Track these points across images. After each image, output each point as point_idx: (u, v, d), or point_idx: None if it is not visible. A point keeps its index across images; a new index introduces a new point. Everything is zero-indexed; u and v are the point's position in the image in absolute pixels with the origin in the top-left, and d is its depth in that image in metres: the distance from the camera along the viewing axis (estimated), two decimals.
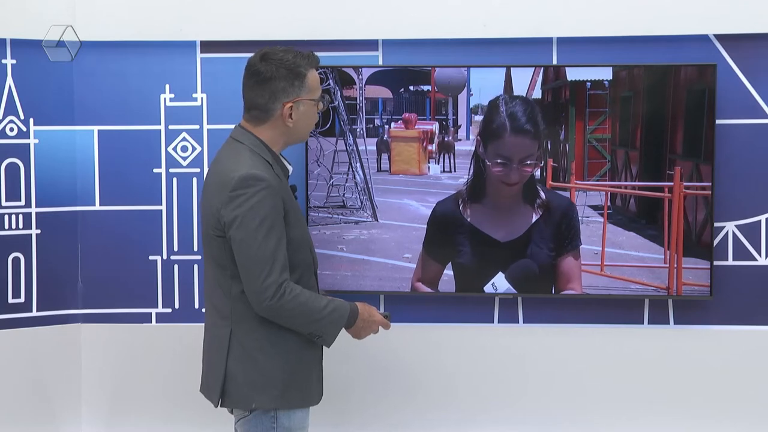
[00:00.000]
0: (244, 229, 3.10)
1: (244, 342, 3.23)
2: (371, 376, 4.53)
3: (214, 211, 3.17)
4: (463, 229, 4.43)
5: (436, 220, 4.45)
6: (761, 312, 4.43)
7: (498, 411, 4.58)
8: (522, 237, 4.40)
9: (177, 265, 4.64)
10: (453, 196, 4.43)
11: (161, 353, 4.67)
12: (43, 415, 4.63)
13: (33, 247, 4.58)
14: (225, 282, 3.23)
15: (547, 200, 4.37)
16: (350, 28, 4.49)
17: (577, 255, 4.38)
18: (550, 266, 4.40)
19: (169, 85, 4.60)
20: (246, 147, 3.23)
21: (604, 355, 4.52)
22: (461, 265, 4.44)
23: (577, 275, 4.38)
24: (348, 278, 4.46)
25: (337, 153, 4.48)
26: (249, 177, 3.12)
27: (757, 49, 4.35)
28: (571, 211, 4.37)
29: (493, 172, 4.35)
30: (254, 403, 3.24)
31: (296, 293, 3.15)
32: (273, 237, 3.12)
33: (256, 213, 3.10)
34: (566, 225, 4.38)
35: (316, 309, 3.20)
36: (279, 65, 3.20)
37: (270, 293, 3.11)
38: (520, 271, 4.41)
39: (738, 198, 4.38)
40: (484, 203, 4.41)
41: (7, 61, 4.50)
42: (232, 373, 3.23)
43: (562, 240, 4.39)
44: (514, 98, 4.33)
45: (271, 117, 3.25)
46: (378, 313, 3.41)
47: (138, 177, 4.63)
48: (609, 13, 4.39)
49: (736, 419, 4.46)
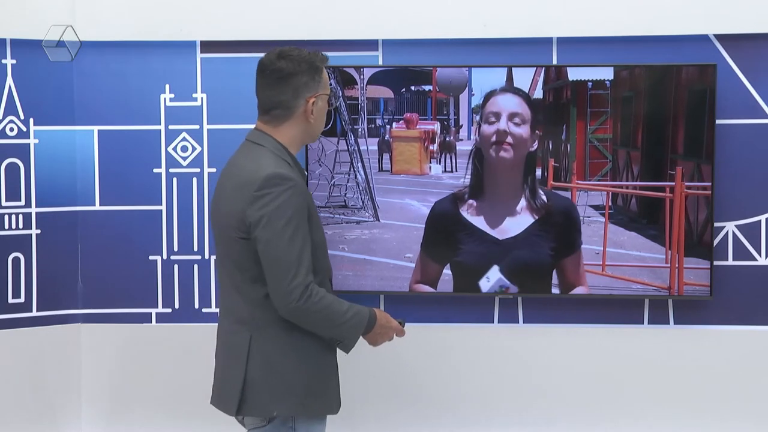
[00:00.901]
0: (271, 228, 3.06)
1: (265, 348, 3.17)
2: (371, 376, 4.53)
3: (236, 212, 3.12)
4: (462, 228, 4.43)
5: (435, 219, 4.46)
6: (761, 312, 4.43)
7: (498, 411, 4.58)
8: (521, 234, 4.40)
9: (177, 265, 4.64)
10: (451, 196, 4.44)
11: (161, 353, 4.67)
12: (43, 415, 4.62)
13: (33, 247, 4.57)
14: (245, 286, 3.18)
15: (548, 199, 4.37)
16: (350, 28, 4.49)
17: (579, 255, 4.39)
18: (550, 266, 4.41)
19: (169, 85, 4.60)
20: (267, 149, 3.19)
21: (604, 355, 4.52)
22: (460, 264, 4.45)
23: (583, 275, 4.38)
24: (349, 278, 4.46)
25: (338, 153, 4.48)
26: (275, 176, 3.09)
27: (757, 49, 4.35)
28: (572, 212, 4.38)
29: (487, 135, 4.34)
30: (275, 411, 3.18)
31: (322, 295, 3.10)
32: (299, 237, 3.08)
33: (283, 212, 3.06)
34: (568, 226, 4.39)
35: (339, 312, 3.16)
36: (300, 60, 3.19)
37: (297, 295, 3.05)
38: (514, 263, 4.41)
39: (738, 198, 4.39)
40: (483, 201, 4.41)
41: (7, 61, 4.49)
42: (252, 380, 3.17)
43: (564, 241, 4.39)
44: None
45: (293, 114, 3.21)
46: (393, 320, 3.38)
47: (138, 177, 4.62)
48: (609, 13, 4.40)
49: (736, 419, 4.47)
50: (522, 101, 4.33)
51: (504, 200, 4.41)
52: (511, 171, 4.38)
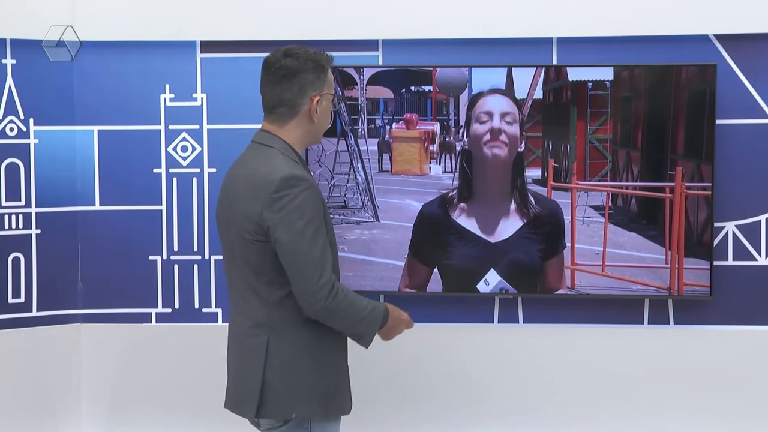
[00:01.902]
0: (292, 230, 3.04)
1: (283, 350, 3.15)
2: (370, 376, 4.53)
3: (252, 215, 3.09)
4: (452, 231, 4.43)
5: (423, 222, 4.46)
6: (761, 312, 4.43)
7: (498, 411, 4.58)
8: (513, 236, 4.40)
9: (177, 265, 4.64)
10: (439, 198, 4.44)
11: (161, 353, 4.67)
12: (43, 415, 4.62)
13: (33, 247, 4.58)
14: (262, 289, 3.15)
15: (536, 202, 4.39)
16: (350, 28, 4.49)
17: (561, 258, 4.41)
18: (540, 267, 4.42)
19: (169, 85, 4.60)
20: (276, 150, 3.16)
21: (604, 355, 4.52)
22: (450, 266, 4.44)
23: (563, 276, 4.40)
24: (349, 278, 4.46)
25: (338, 153, 4.48)
26: (291, 177, 3.07)
27: (757, 49, 4.35)
28: (557, 213, 4.39)
29: (479, 134, 4.35)
30: (294, 413, 3.17)
31: (346, 293, 3.11)
32: (320, 237, 3.07)
33: (302, 213, 3.05)
34: (552, 228, 4.40)
35: (361, 308, 3.16)
36: (306, 59, 3.17)
37: (325, 293, 3.05)
38: (513, 265, 4.41)
39: (738, 198, 4.39)
40: (473, 204, 4.41)
41: (7, 61, 4.50)
42: (271, 382, 3.15)
43: (548, 243, 4.41)
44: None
45: (297, 113, 3.19)
46: (404, 313, 3.37)
47: (138, 177, 4.62)
48: (609, 13, 4.40)
49: (736, 419, 4.47)
50: (510, 101, 4.35)
51: (494, 202, 4.41)
52: (502, 171, 4.38)
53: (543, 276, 4.41)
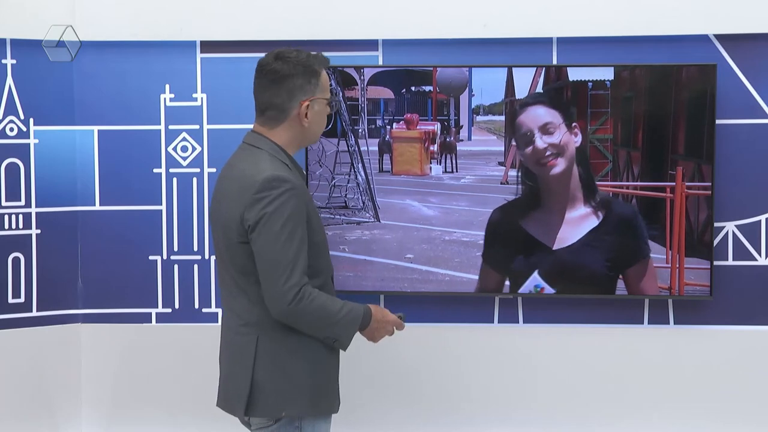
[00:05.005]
0: (267, 230, 3.06)
1: (272, 349, 3.18)
2: (371, 376, 4.53)
3: (236, 216, 3.12)
4: (520, 238, 4.40)
5: (491, 228, 4.43)
6: (761, 312, 4.43)
7: (498, 411, 4.58)
8: (575, 244, 4.37)
9: (177, 265, 4.64)
10: (508, 204, 4.40)
11: (161, 353, 4.67)
12: (43, 415, 4.62)
13: (33, 247, 4.57)
14: (250, 288, 3.17)
15: (606, 203, 4.34)
16: (350, 28, 4.48)
17: (646, 263, 4.34)
18: (607, 278, 4.37)
19: (169, 85, 4.60)
20: (264, 152, 3.19)
21: (604, 355, 4.52)
22: (514, 272, 4.43)
23: (655, 280, 4.36)
24: (350, 278, 4.46)
25: (339, 153, 4.48)
26: (273, 178, 3.09)
27: (757, 49, 4.35)
28: (635, 219, 4.35)
29: (529, 157, 4.32)
30: (283, 412, 3.19)
31: (314, 296, 3.10)
32: (295, 239, 3.08)
33: (280, 215, 3.06)
34: (631, 235, 4.36)
35: (332, 312, 3.16)
36: (296, 63, 3.18)
37: (289, 297, 3.05)
38: (563, 269, 4.39)
39: (738, 198, 4.39)
40: (539, 211, 4.38)
41: (7, 61, 4.49)
42: (260, 381, 3.17)
43: (625, 251, 4.37)
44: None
45: (287, 117, 3.21)
46: (390, 314, 3.37)
47: (138, 177, 4.62)
48: (609, 13, 4.40)
49: (736, 419, 4.47)
50: (545, 107, 4.32)
51: (559, 208, 4.37)
52: (563, 177, 4.35)
53: (627, 283, 4.36)
